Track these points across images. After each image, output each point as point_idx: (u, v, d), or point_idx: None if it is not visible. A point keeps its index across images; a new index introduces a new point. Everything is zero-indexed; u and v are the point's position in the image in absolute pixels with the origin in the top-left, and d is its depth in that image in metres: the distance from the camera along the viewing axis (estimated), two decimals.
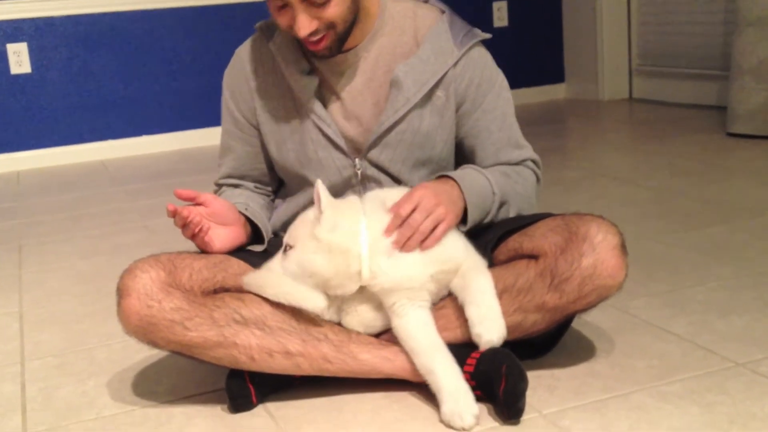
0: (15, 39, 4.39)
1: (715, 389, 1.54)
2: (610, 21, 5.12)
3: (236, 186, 1.88)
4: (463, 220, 1.66)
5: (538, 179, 1.84)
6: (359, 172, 1.75)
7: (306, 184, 1.78)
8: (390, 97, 1.71)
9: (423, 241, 1.55)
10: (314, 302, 1.56)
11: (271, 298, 1.57)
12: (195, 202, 1.65)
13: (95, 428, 1.58)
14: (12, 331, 2.12)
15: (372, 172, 1.75)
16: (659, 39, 5.00)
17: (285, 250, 1.59)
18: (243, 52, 1.83)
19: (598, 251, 1.50)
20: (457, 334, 1.58)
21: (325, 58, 1.70)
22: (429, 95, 1.72)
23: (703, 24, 4.64)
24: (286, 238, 1.60)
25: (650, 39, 5.06)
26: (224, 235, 1.69)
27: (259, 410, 1.58)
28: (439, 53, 1.72)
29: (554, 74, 5.48)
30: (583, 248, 1.51)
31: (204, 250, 1.68)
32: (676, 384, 1.57)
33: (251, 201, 1.83)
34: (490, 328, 1.51)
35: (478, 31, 1.78)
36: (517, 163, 1.80)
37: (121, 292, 1.52)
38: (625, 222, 2.36)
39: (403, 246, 1.55)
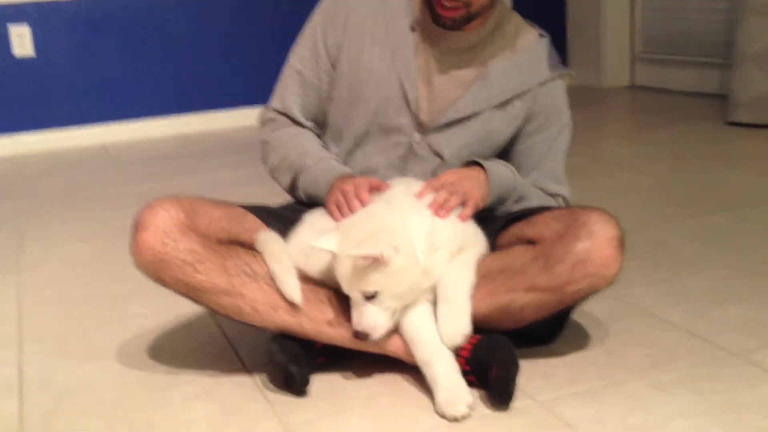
0: (18, 21, 4.38)
1: (709, 378, 1.55)
2: (613, 8, 5.10)
3: (297, 123, 1.87)
4: None
5: None
6: (416, 145, 1.78)
7: (357, 134, 1.80)
8: (473, 90, 1.75)
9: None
10: (293, 293, 1.57)
11: (266, 262, 1.60)
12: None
13: (92, 412, 1.59)
14: (10, 313, 2.13)
15: (423, 152, 1.78)
16: (662, 26, 4.98)
17: (369, 298, 1.51)
18: None
19: (594, 238, 1.50)
20: None
21: (445, 27, 1.72)
22: (508, 101, 1.77)
23: (707, 11, 4.63)
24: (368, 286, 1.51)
25: (653, 26, 5.04)
26: None
27: (255, 394, 1.59)
28: (532, 67, 1.79)
29: None
30: (580, 233, 1.51)
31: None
32: (671, 372, 1.58)
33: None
34: (451, 326, 1.53)
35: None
36: (549, 194, 1.85)
37: (138, 226, 1.55)
38: (625, 209, 2.36)
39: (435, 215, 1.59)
